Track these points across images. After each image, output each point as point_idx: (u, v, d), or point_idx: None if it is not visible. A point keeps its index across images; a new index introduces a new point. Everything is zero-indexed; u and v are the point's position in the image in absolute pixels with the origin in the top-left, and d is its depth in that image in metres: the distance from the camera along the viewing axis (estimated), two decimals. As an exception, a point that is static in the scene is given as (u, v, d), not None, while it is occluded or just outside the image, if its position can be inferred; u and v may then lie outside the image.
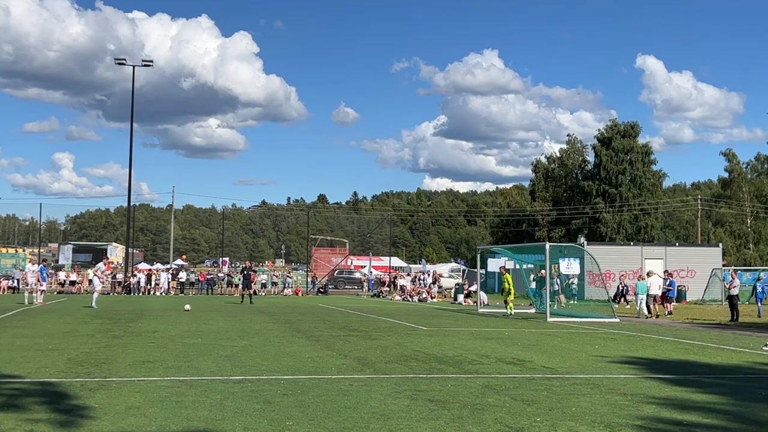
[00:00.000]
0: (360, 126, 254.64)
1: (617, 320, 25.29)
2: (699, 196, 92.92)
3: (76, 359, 12.76)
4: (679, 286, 33.95)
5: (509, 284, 29.19)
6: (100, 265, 34.78)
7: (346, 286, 61.60)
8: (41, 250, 71.57)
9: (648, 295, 29.05)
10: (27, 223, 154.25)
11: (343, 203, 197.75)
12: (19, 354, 13.38)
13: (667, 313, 29.57)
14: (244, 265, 45.54)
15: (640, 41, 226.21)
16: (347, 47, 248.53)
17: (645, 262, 41.75)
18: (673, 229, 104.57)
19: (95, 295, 31.41)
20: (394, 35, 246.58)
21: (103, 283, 32.77)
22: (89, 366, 11.91)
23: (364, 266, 67.79)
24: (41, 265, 35.50)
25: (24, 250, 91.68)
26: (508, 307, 28.38)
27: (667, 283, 30.34)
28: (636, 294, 29.52)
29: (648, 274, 30.45)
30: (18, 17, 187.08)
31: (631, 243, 54.05)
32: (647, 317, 28.36)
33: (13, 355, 13.14)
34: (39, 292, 32.35)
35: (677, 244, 55.40)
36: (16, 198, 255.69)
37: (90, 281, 37.51)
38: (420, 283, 50.46)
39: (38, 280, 32.41)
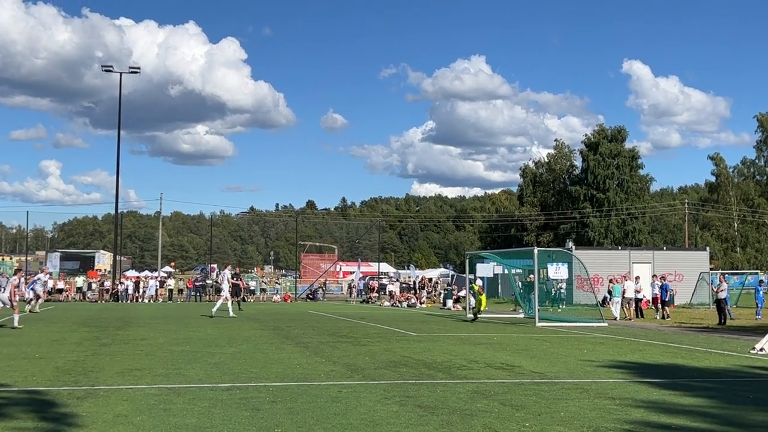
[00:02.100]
0: (348, 132, 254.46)
1: (606, 324, 25.34)
2: (686, 201, 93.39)
3: (63, 367, 12.71)
4: (670, 290, 34.09)
5: (478, 294, 29.02)
6: (226, 271, 33.85)
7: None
8: (28, 258, 71.22)
9: (624, 298, 29.86)
10: (14, 231, 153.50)
11: (332, 209, 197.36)
12: (6, 363, 13.31)
13: (660, 317, 29.82)
14: (234, 272, 45.42)
15: (627, 46, 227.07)
16: (335, 53, 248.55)
17: (633, 267, 41.91)
18: (660, 233, 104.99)
19: (229, 304, 29.82)
20: (381, 41, 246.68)
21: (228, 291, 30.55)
22: (77, 374, 11.86)
23: (353, 272, 67.71)
24: (39, 275, 35.45)
25: (11, 258, 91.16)
26: (473, 311, 28.24)
27: (660, 286, 30.60)
28: (612, 296, 29.84)
29: (636, 278, 31.00)
30: (4, 25, 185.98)
31: (619, 247, 54.22)
32: (625, 319, 29.12)
33: (-1, 364, 13.07)
34: (29, 301, 32.31)
35: (665, 248, 55.64)
36: (2, 206, 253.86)
37: (218, 290, 35.41)
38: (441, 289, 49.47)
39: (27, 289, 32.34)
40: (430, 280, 60.34)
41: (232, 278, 39.42)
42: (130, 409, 8.79)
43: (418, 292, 49.28)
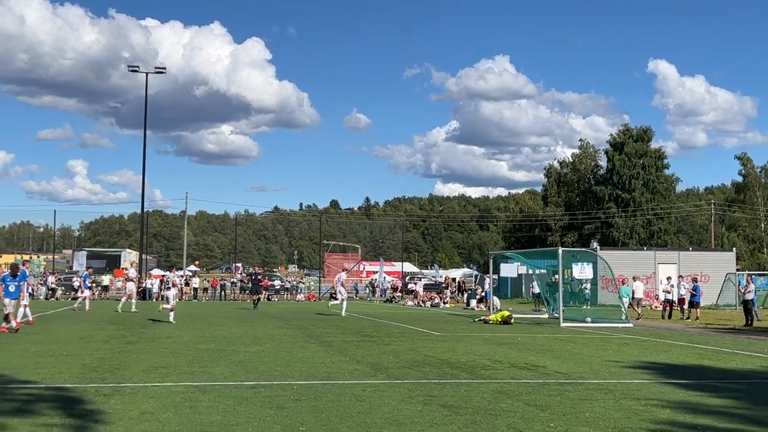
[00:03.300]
0: (372, 132, 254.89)
1: (631, 325, 25.21)
2: (712, 201, 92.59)
3: (90, 365, 12.82)
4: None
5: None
6: (342, 274, 34.15)
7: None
8: (56, 257, 71.88)
9: (634, 299, 30.61)
10: (41, 229, 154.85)
11: (356, 209, 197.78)
12: (34, 360, 13.44)
13: (686, 318, 29.73)
14: (252, 271, 45.77)
15: (652, 46, 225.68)
16: (359, 53, 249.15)
17: (658, 267, 41.65)
18: (686, 233, 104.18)
19: (344, 304, 30.36)
20: (405, 41, 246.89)
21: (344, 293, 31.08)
22: (103, 372, 11.96)
23: (376, 272, 67.72)
24: (85, 273, 35.98)
25: (39, 257, 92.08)
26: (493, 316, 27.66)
27: (692, 288, 30.49)
28: (620, 297, 29.79)
29: (668, 279, 31.47)
30: (32, 26, 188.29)
31: (644, 248, 53.85)
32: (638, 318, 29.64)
33: (27, 361, 13.20)
34: (84, 299, 32.87)
35: (691, 248, 55.15)
36: (30, 205, 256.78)
37: (334, 294, 34.25)
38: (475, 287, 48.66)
39: (81, 286, 33.02)
40: (454, 280, 60.28)
41: (249, 276, 39.80)
42: (156, 407, 8.85)
43: (442, 291, 49.20)
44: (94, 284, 51.37)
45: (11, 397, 9.48)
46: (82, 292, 33.45)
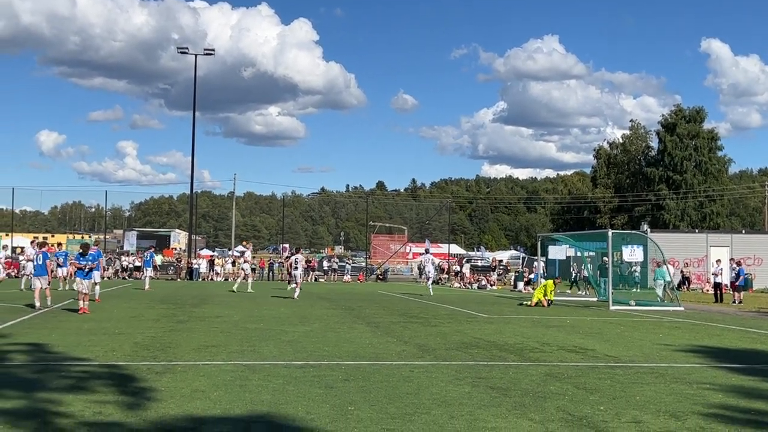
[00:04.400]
0: (419, 113, 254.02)
1: (681, 308, 24.86)
2: (766, 183, 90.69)
3: (142, 343, 13.02)
4: (746, 274, 33.28)
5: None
6: (428, 258, 35.35)
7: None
8: (107, 237, 73.12)
9: (666, 282, 29.65)
10: (93, 210, 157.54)
11: (402, 190, 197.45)
12: (87, 338, 13.69)
13: (736, 302, 29.18)
14: (293, 251, 46.09)
15: (705, 25, 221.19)
16: (406, 34, 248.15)
17: (710, 250, 40.99)
18: (739, 216, 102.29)
19: (430, 285, 32.77)
20: (453, 22, 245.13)
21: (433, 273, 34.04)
22: (155, 350, 12.14)
23: (422, 253, 67.68)
24: (150, 252, 36.63)
25: (90, 237, 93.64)
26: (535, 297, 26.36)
27: (737, 271, 29.93)
28: (655, 279, 29.31)
29: (717, 261, 30.98)
30: (83, 8, 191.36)
31: (696, 230, 53.03)
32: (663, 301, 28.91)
33: (81, 339, 13.45)
34: (147, 278, 33.60)
35: (743, 231, 54.15)
36: (82, 185, 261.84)
37: (426, 276, 34.05)
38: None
39: (154, 265, 34.27)
40: (501, 262, 60.07)
41: (286, 260, 40.22)
42: (207, 385, 8.96)
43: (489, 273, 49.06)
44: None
45: (66, 374, 9.67)
46: (154, 270, 34.47)
